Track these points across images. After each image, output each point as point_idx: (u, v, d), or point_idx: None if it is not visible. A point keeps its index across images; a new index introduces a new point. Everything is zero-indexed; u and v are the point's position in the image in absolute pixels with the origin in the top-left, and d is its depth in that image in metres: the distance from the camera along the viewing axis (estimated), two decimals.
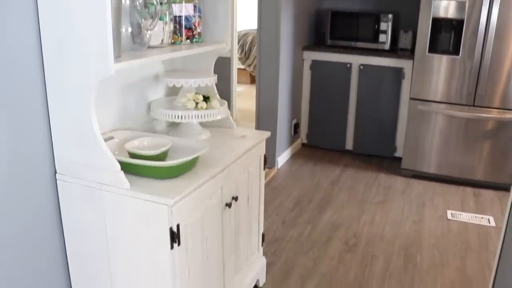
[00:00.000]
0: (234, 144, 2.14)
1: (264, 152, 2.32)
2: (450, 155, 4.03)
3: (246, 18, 7.17)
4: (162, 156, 1.78)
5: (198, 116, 2.04)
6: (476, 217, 3.50)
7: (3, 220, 1.63)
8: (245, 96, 6.86)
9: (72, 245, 1.87)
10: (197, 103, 2.06)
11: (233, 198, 2.03)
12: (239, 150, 2.06)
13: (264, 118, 4.25)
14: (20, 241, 1.71)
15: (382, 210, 3.59)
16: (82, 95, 1.59)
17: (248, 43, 7.12)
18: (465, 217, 3.50)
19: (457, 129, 3.95)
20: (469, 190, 3.99)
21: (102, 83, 1.88)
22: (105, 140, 1.84)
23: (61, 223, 1.86)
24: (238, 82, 5.78)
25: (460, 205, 3.69)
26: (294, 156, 4.66)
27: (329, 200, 3.73)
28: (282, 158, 4.41)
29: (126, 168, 1.69)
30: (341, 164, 4.51)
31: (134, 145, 1.83)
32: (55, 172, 1.79)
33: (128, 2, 1.80)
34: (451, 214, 3.54)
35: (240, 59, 7.05)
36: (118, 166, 1.63)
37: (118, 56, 1.67)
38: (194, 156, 1.74)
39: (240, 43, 7.15)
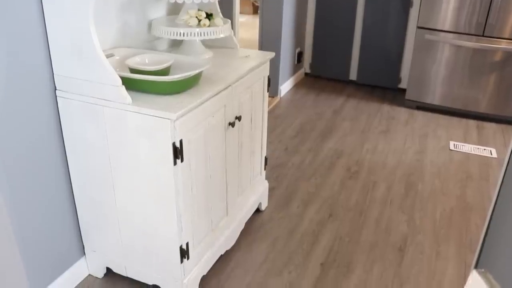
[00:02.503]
0: (237, 64, 2.09)
1: (268, 73, 2.27)
2: (455, 86, 3.97)
3: None
4: (164, 72, 1.74)
5: (200, 33, 1.97)
6: (478, 148, 3.50)
7: (3, 139, 1.61)
8: (247, 26, 6.70)
9: (75, 162, 1.86)
10: (199, 20, 1.99)
11: (236, 117, 2.01)
12: (243, 69, 2.01)
13: (267, 46, 4.15)
14: (22, 161, 1.69)
15: (384, 139, 3.57)
16: (80, 4, 1.52)
17: None
18: (467, 148, 3.49)
19: (464, 60, 3.87)
20: (472, 122, 3.96)
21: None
22: (105, 57, 1.79)
23: (63, 140, 1.84)
24: (240, 13, 5.62)
25: (463, 137, 3.68)
26: (297, 86, 4.60)
27: (332, 129, 3.71)
28: (285, 87, 4.36)
29: (127, 84, 1.65)
30: (344, 94, 4.46)
31: (136, 61, 1.78)
32: (55, 89, 1.75)
33: None
34: (454, 145, 3.53)
35: None
36: (119, 80, 1.59)
37: None
38: (198, 71, 1.69)
39: None
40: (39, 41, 1.66)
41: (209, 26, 1.99)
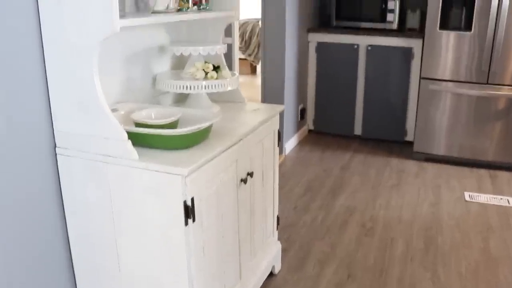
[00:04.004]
0: (247, 117, 2.00)
1: (277, 127, 2.17)
2: (463, 136, 3.88)
3: (245, 6, 7.02)
4: (172, 127, 1.63)
5: (208, 86, 1.89)
6: (494, 198, 3.36)
7: None
8: (246, 86, 6.71)
9: (75, 225, 1.72)
10: (206, 73, 1.91)
11: (248, 173, 1.88)
12: (253, 122, 1.91)
13: (269, 103, 4.09)
14: (17, 224, 1.55)
15: (397, 193, 3.44)
16: (84, 55, 1.44)
17: (248, 32, 6.97)
18: (483, 198, 3.36)
19: (470, 109, 3.80)
20: (483, 171, 3.84)
21: (105, 53, 1.75)
22: None
23: (62, 202, 1.71)
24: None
25: (477, 187, 3.55)
26: (301, 143, 4.51)
27: (341, 185, 3.58)
28: (289, 145, 4.26)
29: (133, 139, 1.54)
30: (350, 149, 4.36)
31: (142, 115, 1.68)
32: (55, 146, 1.64)
33: None
34: (469, 195, 3.39)
35: (240, 48, 6.90)
36: (125, 135, 1.48)
37: (122, 16, 1.52)
38: (208, 123, 1.59)
39: (239, 32, 7.00)
40: (40, 96, 1.56)
41: (216, 78, 1.91)
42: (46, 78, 1.56)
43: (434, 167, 3.94)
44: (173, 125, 1.64)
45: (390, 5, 4.27)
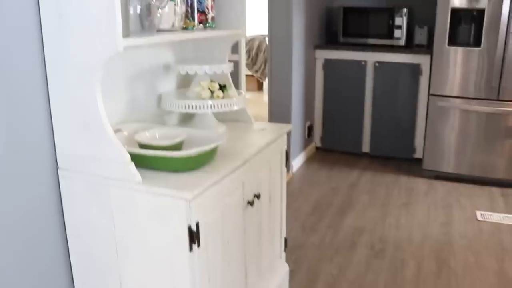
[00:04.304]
0: (253, 137, 1.95)
1: (285, 147, 2.12)
2: (473, 153, 3.81)
3: (252, 23, 7.02)
4: (176, 148, 1.58)
5: (214, 105, 1.84)
6: (507, 217, 3.28)
7: None
8: (253, 103, 6.68)
9: (76, 248, 1.66)
10: (212, 92, 1.87)
11: (255, 196, 1.83)
12: (260, 143, 1.86)
13: (276, 121, 4.05)
14: (18, 246, 1.50)
15: (406, 212, 3.36)
16: (87, 75, 1.40)
17: (255, 48, 6.96)
18: (496, 217, 3.28)
19: (480, 125, 3.74)
20: (495, 189, 3.76)
21: (108, 72, 1.71)
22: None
23: (64, 224, 1.66)
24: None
25: (489, 205, 3.47)
26: (308, 160, 4.45)
27: (349, 204, 3.52)
28: (297, 163, 4.21)
29: (137, 161, 1.49)
30: (358, 167, 4.30)
31: (145, 136, 1.64)
32: (57, 167, 1.59)
33: None
34: (481, 215, 3.31)
35: (247, 65, 6.88)
36: (128, 157, 1.43)
37: (126, 35, 1.49)
38: (214, 145, 1.54)
39: (246, 48, 6.99)
40: (42, 116, 1.52)
41: (222, 98, 1.86)
42: (49, 98, 1.52)
43: (444, 185, 3.86)
44: (177, 147, 1.59)
45: (398, 21, 4.23)
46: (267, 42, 6.82)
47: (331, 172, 4.17)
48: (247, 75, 6.67)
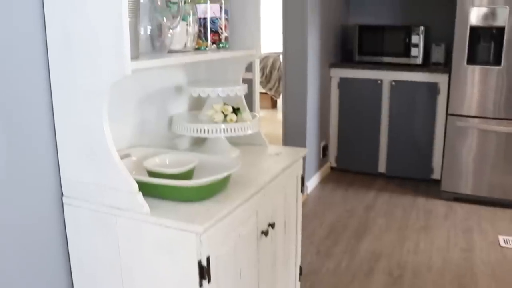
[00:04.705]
0: (268, 163, 1.86)
1: (301, 172, 2.03)
2: (493, 174, 3.69)
3: (266, 40, 6.98)
4: (187, 176, 1.50)
5: (227, 130, 1.76)
6: None
7: (0, 251, 1.36)
8: (267, 121, 6.61)
9: (80, 278, 1.58)
10: (225, 116, 1.79)
11: (269, 224, 1.74)
12: (275, 169, 1.77)
13: (291, 141, 3.96)
14: (21, 275, 1.43)
15: (425, 236, 3.24)
16: (93, 99, 1.33)
17: (269, 66, 6.91)
18: None
19: (500, 146, 3.62)
20: None
21: (118, 94, 1.65)
22: (121, 157, 1.58)
23: (68, 254, 1.58)
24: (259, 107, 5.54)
25: None
26: (323, 181, 4.35)
27: (366, 227, 3.40)
28: (311, 183, 4.11)
29: (145, 189, 1.42)
30: (374, 188, 4.19)
31: (155, 163, 1.56)
32: (62, 195, 1.52)
33: None
34: (504, 240, 3.18)
35: (260, 82, 6.83)
36: (136, 186, 1.36)
37: (136, 57, 1.42)
38: (226, 174, 1.45)
39: (260, 66, 6.94)
40: (47, 141, 1.46)
41: (236, 121, 1.78)
42: (54, 123, 1.46)
43: (464, 208, 3.74)
44: (188, 174, 1.51)
45: (414, 39, 4.15)
46: (281, 60, 6.80)
47: (347, 193, 4.06)
48: (261, 93, 6.62)
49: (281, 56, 6.82)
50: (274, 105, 7.55)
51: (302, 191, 2.06)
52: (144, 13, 1.56)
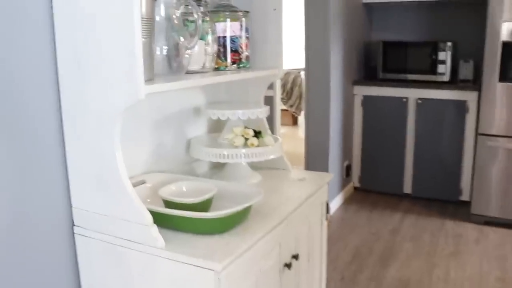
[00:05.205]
0: (291, 189, 1.75)
1: (326, 199, 1.91)
2: None
3: (286, 56, 6.90)
4: (205, 205, 1.40)
5: (248, 155, 1.66)
6: None
7: (10, 282, 1.28)
8: (288, 138, 6.50)
9: None
10: (246, 139, 1.69)
11: (293, 256, 1.62)
12: (299, 197, 1.66)
13: (313, 160, 3.85)
14: None
15: (456, 264, 3.08)
16: (105, 125, 1.24)
17: (290, 83, 6.81)
18: None
19: None
20: None
21: (132, 117, 1.56)
22: (135, 184, 1.49)
23: (80, 285, 1.48)
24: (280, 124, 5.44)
25: None
26: (346, 202, 4.21)
27: (392, 252, 3.25)
28: (334, 204, 3.97)
29: (161, 220, 1.32)
30: (400, 210, 4.03)
31: (171, 191, 1.46)
32: (73, 224, 1.43)
33: (163, 15, 1.47)
34: None
35: (282, 99, 6.73)
36: (150, 218, 1.26)
37: (150, 79, 1.33)
38: (247, 205, 1.35)
39: (281, 83, 6.85)
40: (57, 168, 1.37)
41: (257, 146, 1.68)
42: (65, 149, 1.37)
43: (497, 233, 3.56)
44: (206, 204, 1.41)
45: (441, 55, 4.01)
46: (302, 76, 6.71)
47: (371, 215, 3.91)
48: (281, 110, 6.52)
49: (302, 73, 6.75)
50: (295, 122, 7.44)
51: (326, 218, 1.94)
52: (160, 32, 1.47)
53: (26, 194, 1.30)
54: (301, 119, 7.09)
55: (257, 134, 1.72)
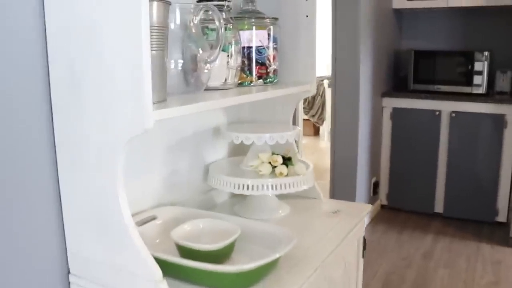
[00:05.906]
0: (324, 225, 1.51)
1: (363, 233, 1.66)
2: None
3: None
4: (226, 251, 1.16)
5: (276, 186, 1.42)
6: None
7: None
8: (310, 149, 6.26)
9: None
10: (274, 167, 1.45)
11: None
12: (335, 236, 1.41)
13: (340, 177, 3.59)
14: None
15: None
16: (105, 158, 1.01)
17: None
18: None
19: None
20: None
21: (141, 143, 1.34)
22: (144, 221, 1.27)
23: None
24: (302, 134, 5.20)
25: None
26: (374, 221, 3.94)
27: (426, 281, 2.98)
28: None
29: (172, 270, 1.09)
30: (431, 231, 3.75)
31: (185, 232, 1.22)
32: (68, 272, 1.21)
33: (178, 23, 1.24)
34: None
35: (303, 109, 6.49)
36: (158, 273, 1.02)
37: (162, 100, 1.10)
38: (278, 256, 1.11)
39: None
40: (50, 208, 1.15)
41: (287, 175, 1.44)
42: (59, 186, 1.15)
43: None
44: (228, 249, 1.17)
45: (478, 66, 3.73)
46: (324, 85, 6.46)
47: (401, 236, 3.64)
48: (303, 119, 6.27)
49: (324, 82, 6.50)
50: (316, 132, 7.19)
51: (363, 255, 1.69)
52: (174, 42, 1.24)
53: (16, 238, 1.08)
54: (323, 129, 6.84)
55: (286, 161, 1.48)
